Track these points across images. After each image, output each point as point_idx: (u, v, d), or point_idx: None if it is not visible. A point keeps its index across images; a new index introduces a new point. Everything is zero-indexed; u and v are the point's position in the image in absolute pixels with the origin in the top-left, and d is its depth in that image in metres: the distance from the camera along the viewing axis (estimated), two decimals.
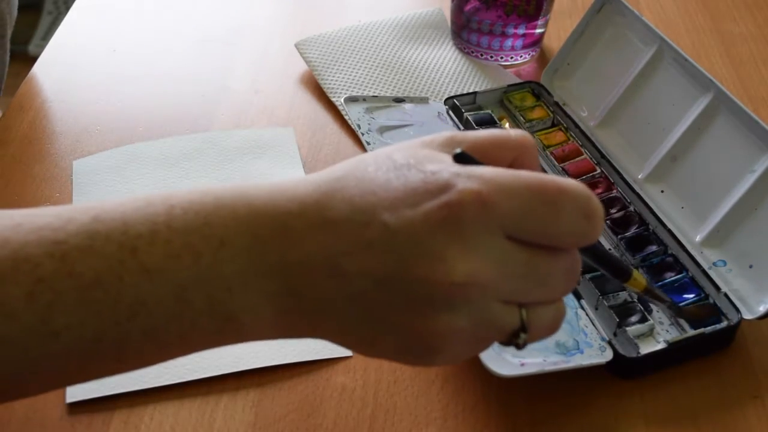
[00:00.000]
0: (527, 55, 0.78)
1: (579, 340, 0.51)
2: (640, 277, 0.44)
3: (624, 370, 0.51)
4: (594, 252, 0.42)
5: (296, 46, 0.77)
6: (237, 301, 0.35)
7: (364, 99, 0.67)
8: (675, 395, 0.51)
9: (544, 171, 0.39)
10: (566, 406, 0.51)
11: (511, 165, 0.38)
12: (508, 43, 0.76)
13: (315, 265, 0.35)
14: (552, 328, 0.38)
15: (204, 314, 0.35)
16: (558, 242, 0.36)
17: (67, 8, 1.00)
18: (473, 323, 0.35)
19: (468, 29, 0.77)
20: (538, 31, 0.77)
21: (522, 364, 0.49)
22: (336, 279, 0.35)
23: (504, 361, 0.49)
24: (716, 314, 0.53)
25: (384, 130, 0.65)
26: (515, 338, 0.37)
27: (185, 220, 0.35)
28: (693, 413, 0.51)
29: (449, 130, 0.38)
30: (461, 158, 0.36)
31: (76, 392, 0.50)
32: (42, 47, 0.81)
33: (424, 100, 0.69)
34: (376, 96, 0.68)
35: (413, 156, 0.36)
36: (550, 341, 0.51)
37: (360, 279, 0.35)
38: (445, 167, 0.35)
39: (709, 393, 0.52)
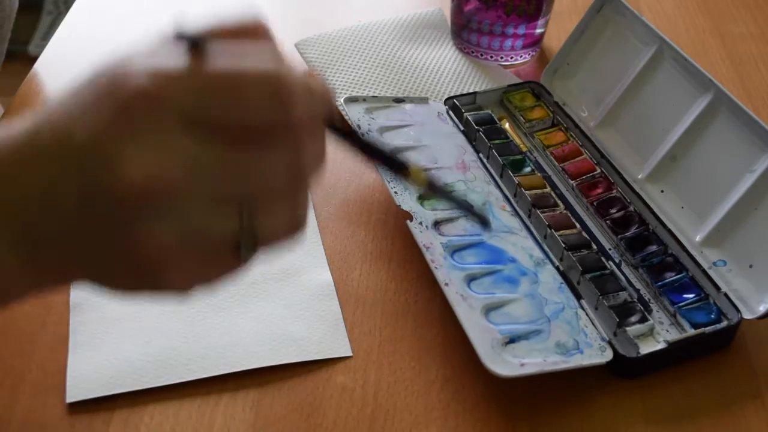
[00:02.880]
0: (527, 55, 0.78)
1: (579, 340, 0.51)
2: (418, 172, 0.40)
3: (624, 369, 0.51)
4: (347, 137, 0.38)
5: (296, 46, 0.77)
6: None
7: (364, 99, 0.67)
8: (675, 395, 0.51)
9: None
10: (566, 406, 0.51)
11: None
12: (508, 43, 0.76)
13: (33, 198, 0.33)
14: (289, 229, 0.35)
15: None
16: (250, 124, 0.32)
17: (67, 8, 1.00)
18: (179, 232, 0.32)
19: (468, 29, 0.77)
20: (538, 31, 0.77)
21: (522, 365, 0.49)
22: (53, 209, 0.33)
23: (503, 362, 0.49)
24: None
25: (384, 130, 0.65)
26: (239, 246, 0.34)
27: None
28: (693, 413, 0.51)
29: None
30: (179, 36, 0.33)
31: (76, 392, 0.50)
32: (42, 47, 0.81)
33: (423, 100, 0.69)
34: (376, 96, 0.68)
35: (109, 63, 0.33)
36: (550, 341, 0.51)
37: (70, 205, 0.33)
38: (124, 70, 0.32)
39: (709, 393, 0.52)
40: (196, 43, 0.32)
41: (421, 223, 0.58)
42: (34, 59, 0.78)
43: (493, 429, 0.49)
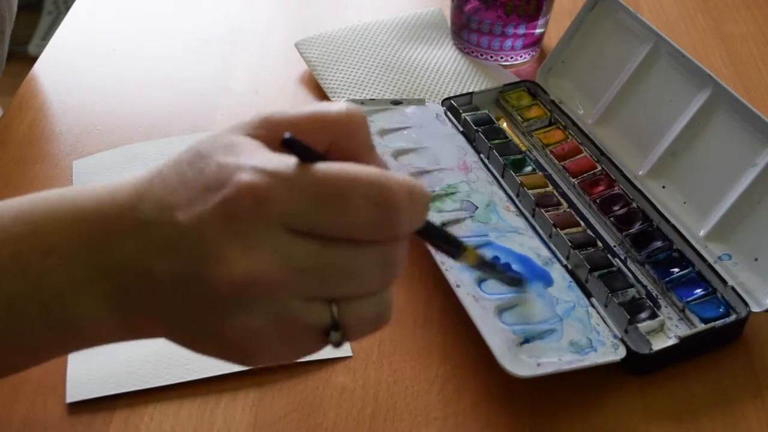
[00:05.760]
0: (527, 55, 0.78)
1: (592, 338, 0.51)
2: (472, 253, 0.42)
3: (636, 366, 0.51)
4: (423, 234, 0.39)
5: (296, 46, 0.77)
6: (71, 307, 0.36)
7: (362, 102, 0.67)
8: (680, 392, 0.51)
9: (372, 148, 0.38)
10: (568, 404, 0.50)
11: (335, 144, 0.36)
12: (508, 43, 0.76)
13: (132, 268, 0.35)
14: (377, 323, 0.36)
15: (40, 323, 0.36)
16: (353, 235, 0.34)
17: (67, 8, 1.00)
18: (271, 323, 0.34)
19: (468, 29, 0.77)
20: (538, 31, 0.77)
21: (538, 364, 0.49)
22: (149, 281, 0.35)
23: (520, 362, 0.49)
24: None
25: (384, 132, 0.65)
26: (328, 336, 0.35)
27: (15, 231, 0.36)
28: (694, 411, 0.50)
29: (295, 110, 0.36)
30: (289, 143, 0.34)
31: (76, 392, 0.50)
32: (42, 47, 0.81)
33: (420, 102, 0.69)
34: (374, 99, 0.68)
35: (213, 145, 0.35)
36: (563, 340, 0.51)
37: (166, 281, 0.34)
38: (234, 159, 0.34)
39: (713, 389, 0.51)
40: (303, 152, 0.33)
41: None
42: (34, 59, 0.78)
43: (493, 429, 0.49)
